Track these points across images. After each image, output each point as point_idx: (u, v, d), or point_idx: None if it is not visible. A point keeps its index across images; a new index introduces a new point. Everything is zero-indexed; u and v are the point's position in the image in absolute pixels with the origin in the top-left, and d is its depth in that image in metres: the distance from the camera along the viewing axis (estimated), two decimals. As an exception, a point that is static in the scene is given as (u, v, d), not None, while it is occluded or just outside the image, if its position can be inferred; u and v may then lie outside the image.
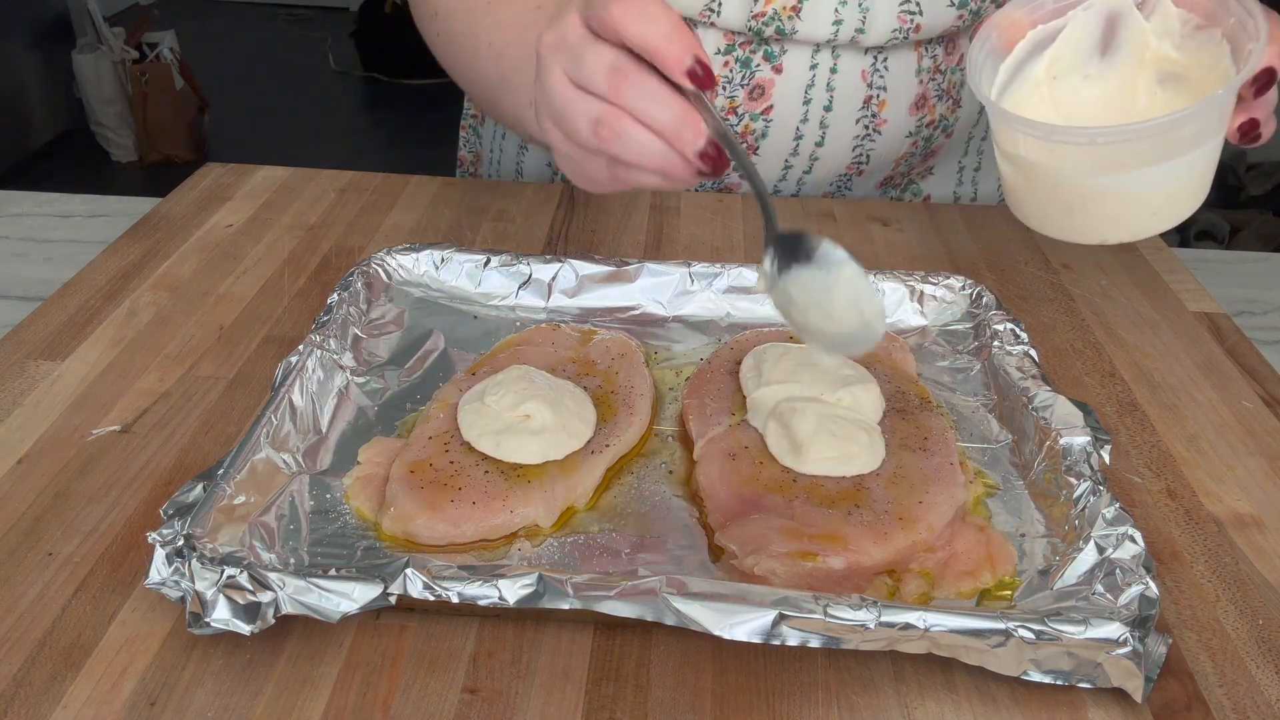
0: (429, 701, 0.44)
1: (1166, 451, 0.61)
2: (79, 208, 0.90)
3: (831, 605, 0.43)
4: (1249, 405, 0.66)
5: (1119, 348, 0.72)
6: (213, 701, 0.44)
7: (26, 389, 0.63)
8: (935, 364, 0.67)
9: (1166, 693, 0.46)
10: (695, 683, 0.46)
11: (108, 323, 0.70)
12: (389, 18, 3.93)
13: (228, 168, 0.94)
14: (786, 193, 0.93)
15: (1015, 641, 0.43)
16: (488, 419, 0.56)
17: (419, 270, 0.73)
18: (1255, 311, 0.80)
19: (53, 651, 0.46)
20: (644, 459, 0.59)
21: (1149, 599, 0.45)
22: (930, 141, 0.93)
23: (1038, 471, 0.56)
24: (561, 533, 0.53)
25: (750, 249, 0.82)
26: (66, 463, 0.57)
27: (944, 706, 0.45)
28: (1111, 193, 0.58)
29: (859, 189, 0.95)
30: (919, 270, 0.75)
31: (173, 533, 0.46)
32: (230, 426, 0.60)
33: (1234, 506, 0.57)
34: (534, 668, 0.46)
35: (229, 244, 0.81)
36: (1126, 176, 0.57)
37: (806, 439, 0.55)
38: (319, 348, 0.61)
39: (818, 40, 0.82)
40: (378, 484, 0.54)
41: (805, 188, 0.93)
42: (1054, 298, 0.78)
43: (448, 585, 0.45)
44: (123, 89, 3.31)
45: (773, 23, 0.81)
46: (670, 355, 0.68)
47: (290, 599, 0.44)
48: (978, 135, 0.97)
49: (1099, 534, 0.49)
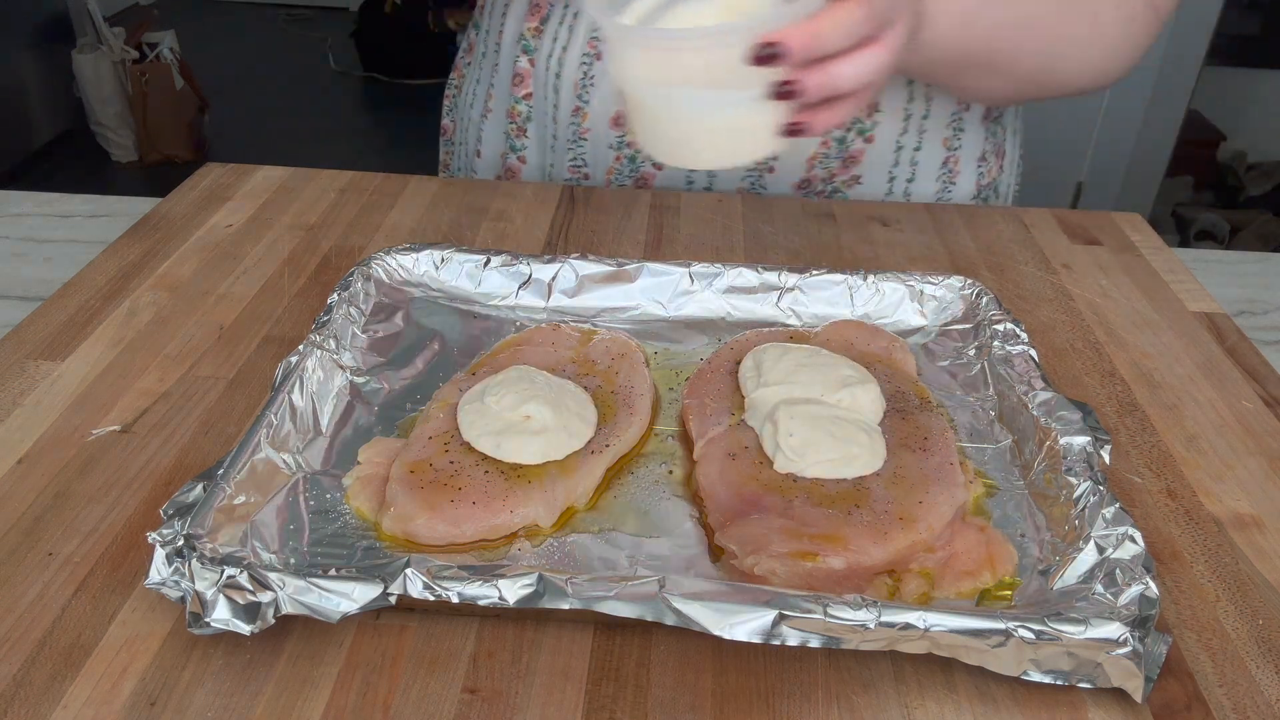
0: (429, 701, 0.44)
1: (1166, 451, 0.61)
2: (79, 208, 0.90)
3: (831, 605, 0.43)
4: (1249, 405, 0.66)
5: (1119, 348, 0.72)
6: (213, 701, 0.44)
7: (26, 389, 0.63)
8: (935, 364, 0.67)
9: (1166, 693, 0.46)
10: (695, 683, 0.46)
11: (108, 323, 0.70)
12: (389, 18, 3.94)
13: (228, 168, 0.94)
14: (699, 186, 0.92)
15: (1015, 641, 0.43)
16: (488, 419, 0.56)
17: (419, 270, 0.73)
18: (1255, 311, 0.80)
19: (53, 651, 0.46)
20: (644, 459, 0.59)
21: (1149, 599, 0.45)
22: (844, 144, 0.89)
23: (1038, 471, 0.56)
24: (561, 533, 0.53)
25: (750, 249, 0.82)
26: (66, 463, 0.57)
27: (944, 706, 0.45)
28: (674, 111, 0.59)
29: (774, 187, 0.92)
30: (919, 270, 0.75)
31: (173, 533, 0.47)
32: (230, 426, 0.60)
33: (1234, 506, 0.57)
34: (534, 668, 0.46)
35: (229, 244, 0.81)
36: (679, 91, 0.57)
37: (803, 443, 0.55)
38: (319, 348, 0.61)
39: None
40: (378, 484, 0.54)
41: (717, 180, 0.92)
42: (1054, 298, 0.78)
43: (448, 585, 0.45)
44: (123, 89, 3.31)
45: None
46: (670, 355, 0.68)
47: (290, 599, 0.44)
48: (909, 145, 0.92)
49: (1099, 534, 0.49)
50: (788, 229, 0.86)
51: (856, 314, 0.72)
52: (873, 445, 0.56)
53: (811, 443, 0.55)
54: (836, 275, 0.72)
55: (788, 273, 0.72)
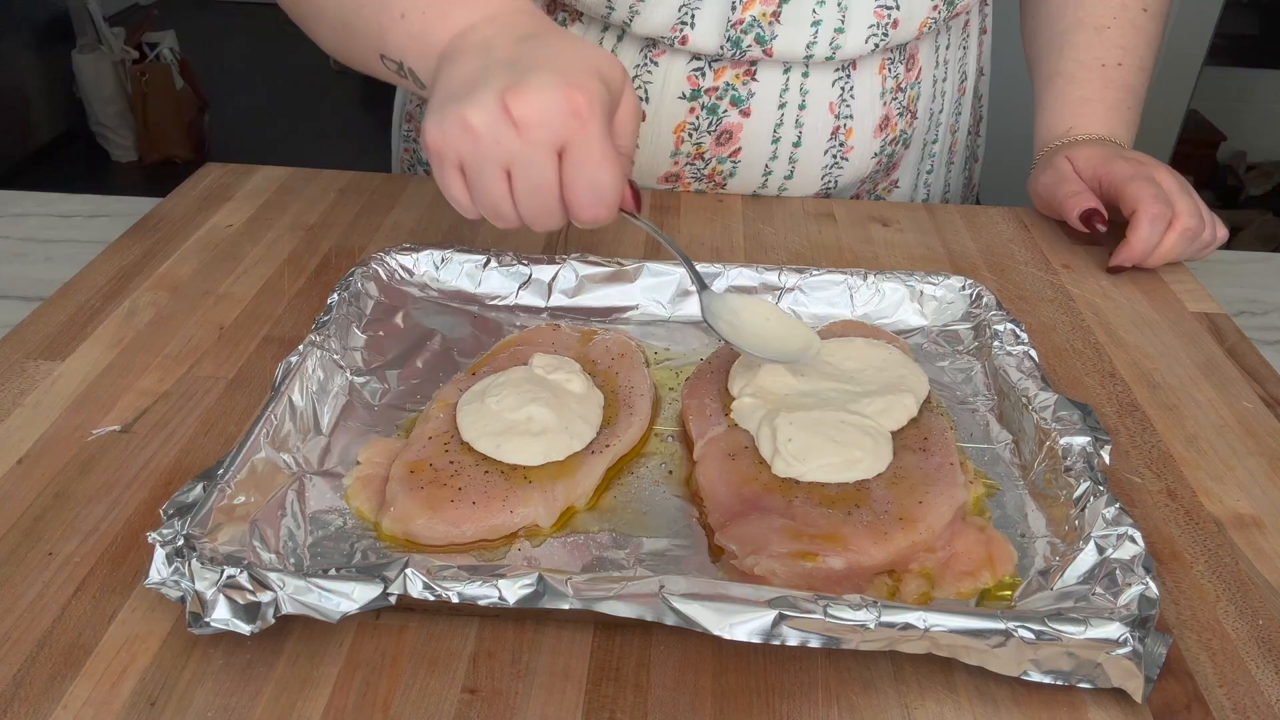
0: (429, 701, 0.44)
1: (1166, 452, 0.61)
2: (79, 208, 0.90)
3: (831, 605, 0.43)
4: (1249, 406, 0.66)
5: (1119, 348, 0.72)
6: (213, 701, 0.44)
7: (26, 389, 0.63)
8: (935, 364, 0.67)
9: (1166, 693, 0.46)
10: (695, 683, 0.46)
11: (108, 323, 0.70)
12: (389, 18, 3.93)
13: (228, 168, 0.94)
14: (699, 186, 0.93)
15: (1015, 641, 0.43)
16: (488, 419, 0.56)
17: (419, 270, 0.73)
18: (1255, 311, 0.80)
19: (53, 651, 0.46)
20: (644, 459, 0.59)
21: (1149, 599, 0.45)
22: (892, 157, 0.93)
23: (1038, 472, 0.56)
24: (561, 533, 0.53)
25: (750, 249, 0.82)
26: (66, 463, 0.57)
27: (944, 706, 0.45)
28: None
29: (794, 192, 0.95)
30: (919, 270, 0.75)
31: (173, 533, 0.46)
32: (230, 426, 0.60)
33: (1234, 507, 0.57)
34: (534, 668, 0.46)
35: (229, 244, 0.81)
36: None
37: (803, 447, 0.55)
38: (319, 348, 0.61)
39: (795, 51, 0.81)
40: (378, 484, 0.54)
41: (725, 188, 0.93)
42: (1054, 298, 0.78)
43: (448, 585, 0.45)
44: (123, 89, 3.31)
45: (751, 30, 0.80)
46: (670, 355, 0.68)
47: (290, 599, 0.44)
48: (929, 140, 0.97)
49: (1099, 534, 0.49)
50: (788, 229, 0.86)
51: (856, 314, 0.72)
52: (877, 450, 0.56)
53: (812, 447, 0.55)
54: (836, 275, 0.72)
55: (788, 273, 0.72)
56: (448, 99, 0.54)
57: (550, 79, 0.52)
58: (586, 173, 0.53)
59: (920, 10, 0.82)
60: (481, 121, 0.52)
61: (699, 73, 0.83)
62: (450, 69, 0.56)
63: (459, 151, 0.54)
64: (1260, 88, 2.94)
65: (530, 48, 0.55)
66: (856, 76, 0.85)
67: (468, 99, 0.53)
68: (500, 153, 0.53)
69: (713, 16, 0.79)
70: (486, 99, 0.52)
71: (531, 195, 0.55)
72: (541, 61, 0.54)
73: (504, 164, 0.54)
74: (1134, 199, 0.79)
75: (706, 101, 0.84)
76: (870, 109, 0.87)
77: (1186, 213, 0.78)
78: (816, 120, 0.86)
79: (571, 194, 0.54)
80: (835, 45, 0.82)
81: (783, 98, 0.84)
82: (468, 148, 0.54)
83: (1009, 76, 1.13)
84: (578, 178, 0.54)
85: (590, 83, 0.53)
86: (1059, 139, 0.89)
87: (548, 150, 0.53)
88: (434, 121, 0.54)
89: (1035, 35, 0.94)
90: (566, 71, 0.53)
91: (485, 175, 0.54)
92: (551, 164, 0.54)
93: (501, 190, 0.55)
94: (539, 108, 0.52)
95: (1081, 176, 0.84)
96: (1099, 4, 0.89)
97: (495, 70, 0.54)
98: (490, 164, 0.54)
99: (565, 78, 0.52)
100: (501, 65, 0.54)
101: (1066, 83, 0.89)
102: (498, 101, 0.52)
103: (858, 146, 0.89)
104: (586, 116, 0.52)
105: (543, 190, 0.54)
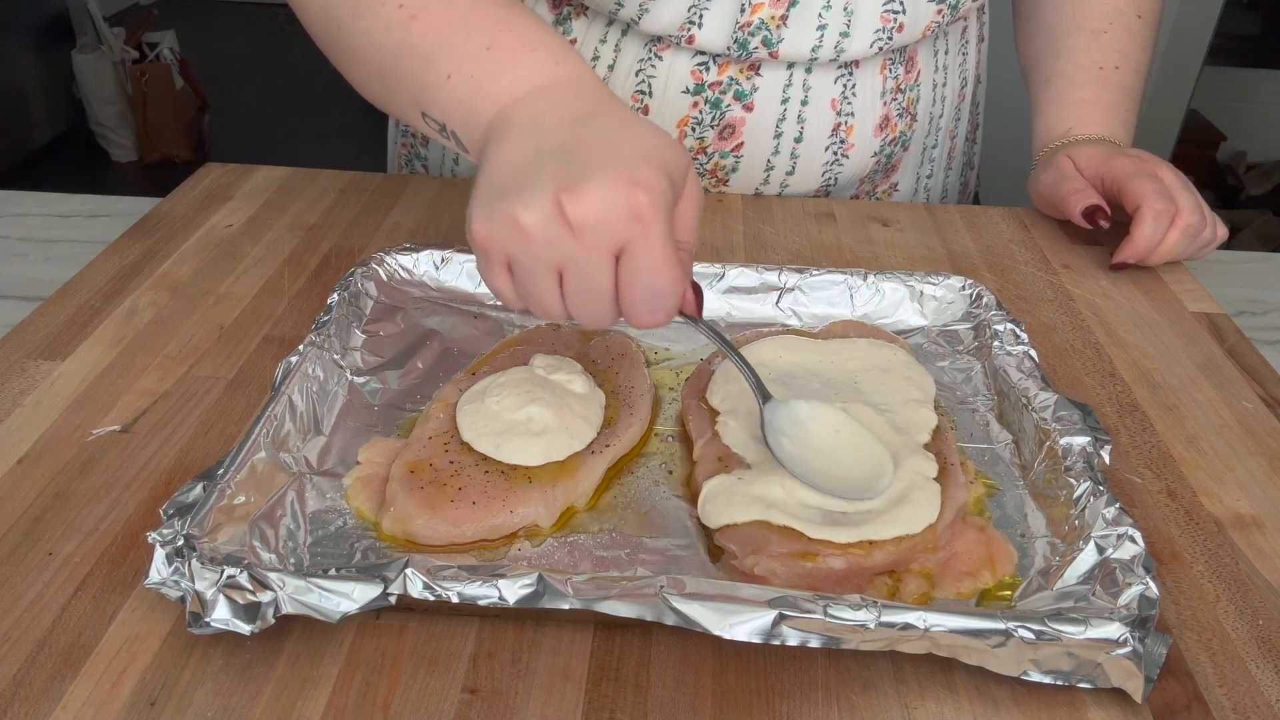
0: (429, 701, 0.44)
1: (1166, 452, 0.61)
2: (79, 208, 0.90)
3: (831, 605, 0.43)
4: (1249, 406, 0.66)
5: (1119, 348, 0.72)
6: (213, 701, 0.44)
7: (26, 389, 0.63)
8: (935, 364, 0.67)
9: (1166, 693, 0.46)
10: (695, 683, 0.46)
11: (108, 323, 0.70)
12: (389, 18, 3.93)
13: (228, 168, 0.94)
14: None
15: (1015, 641, 0.43)
16: (488, 419, 0.56)
17: (419, 270, 0.73)
18: (1255, 311, 0.80)
19: (53, 651, 0.46)
20: (644, 459, 0.59)
21: (1149, 599, 0.45)
22: (890, 158, 0.94)
23: (1038, 472, 0.56)
24: (561, 533, 0.53)
25: (750, 249, 0.82)
26: (66, 463, 0.57)
27: (944, 706, 0.45)
28: None
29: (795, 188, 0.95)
30: (919, 270, 0.75)
31: (173, 533, 0.46)
32: (230, 426, 0.60)
33: (1234, 507, 0.57)
34: (534, 668, 0.46)
35: (229, 244, 0.81)
36: None
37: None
38: (319, 348, 0.61)
39: (802, 53, 0.82)
40: (378, 484, 0.54)
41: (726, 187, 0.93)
42: (1054, 298, 0.78)
43: (448, 585, 0.45)
44: (123, 89, 3.31)
45: (759, 33, 0.80)
46: (670, 355, 0.68)
47: (290, 599, 0.44)
48: (929, 144, 0.97)
49: (1099, 534, 0.49)
50: (788, 229, 0.86)
51: (856, 314, 0.72)
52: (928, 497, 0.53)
53: None
54: (836, 275, 0.72)
55: (788, 273, 0.72)
56: (496, 192, 0.49)
57: (609, 176, 0.47)
58: (645, 279, 0.48)
59: (925, 14, 0.83)
60: (534, 222, 0.47)
61: (703, 67, 0.83)
62: (499, 149, 0.51)
63: (507, 250, 0.49)
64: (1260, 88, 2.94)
65: (587, 133, 0.50)
66: (858, 75, 0.86)
67: (519, 195, 0.48)
68: (553, 255, 0.48)
69: (721, 17, 0.79)
70: (540, 198, 0.47)
71: (584, 298, 0.49)
72: (599, 153, 0.49)
73: (557, 266, 0.49)
74: (1137, 195, 0.79)
75: (710, 96, 0.84)
76: (871, 107, 0.88)
77: (1189, 209, 0.79)
78: (818, 116, 0.86)
79: (628, 299, 0.49)
80: (840, 48, 0.82)
81: (785, 93, 0.84)
82: (518, 247, 0.48)
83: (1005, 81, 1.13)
84: (635, 284, 0.48)
85: (653, 178, 0.47)
86: (1059, 139, 0.89)
87: (605, 254, 0.48)
88: (481, 215, 0.49)
89: (1031, 39, 0.95)
90: (627, 165, 0.47)
91: (536, 276, 0.49)
92: (608, 268, 0.48)
93: (552, 292, 0.50)
94: (597, 210, 0.46)
95: (1083, 174, 0.85)
96: (1095, 9, 0.90)
97: (549, 162, 0.49)
98: (542, 265, 0.49)
99: (626, 174, 0.47)
100: (555, 156, 0.49)
101: (1065, 84, 0.89)
102: (552, 201, 0.47)
103: (858, 144, 0.89)
104: (649, 219, 0.47)
105: (597, 295, 0.49)
